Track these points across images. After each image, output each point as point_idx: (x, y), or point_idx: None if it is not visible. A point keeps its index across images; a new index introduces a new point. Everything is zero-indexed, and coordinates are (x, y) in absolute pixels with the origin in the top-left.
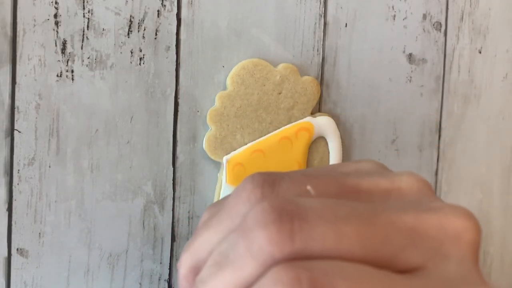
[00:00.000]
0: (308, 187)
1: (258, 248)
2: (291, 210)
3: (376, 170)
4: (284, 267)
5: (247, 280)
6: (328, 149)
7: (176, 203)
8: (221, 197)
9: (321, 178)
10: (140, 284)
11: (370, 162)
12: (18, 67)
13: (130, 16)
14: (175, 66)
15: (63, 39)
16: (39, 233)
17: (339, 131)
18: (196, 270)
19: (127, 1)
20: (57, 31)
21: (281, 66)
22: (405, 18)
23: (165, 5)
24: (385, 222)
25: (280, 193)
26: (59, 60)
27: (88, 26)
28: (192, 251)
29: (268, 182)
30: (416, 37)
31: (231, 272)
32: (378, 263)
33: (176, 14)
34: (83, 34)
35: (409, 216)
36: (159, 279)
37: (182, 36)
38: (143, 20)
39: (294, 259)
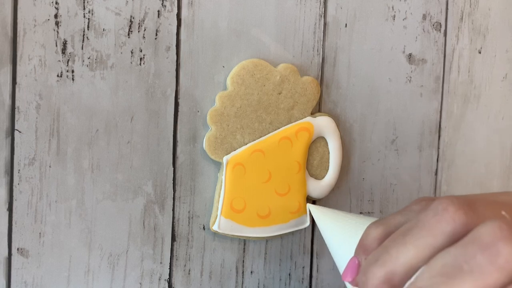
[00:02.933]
0: (503, 212)
1: (505, 261)
2: None
3: None
4: None
5: None
6: (328, 149)
7: (176, 203)
8: (221, 197)
9: (508, 206)
10: (140, 284)
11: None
12: (18, 67)
13: (131, 17)
14: (175, 66)
15: (64, 39)
16: (40, 233)
17: (339, 131)
18: (390, 282)
19: (127, 2)
20: (57, 31)
21: (281, 66)
22: (405, 18)
23: (165, 6)
24: None
25: (480, 216)
26: (59, 60)
27: (88, 26)
28: (385, 265)
29: (468, 205)
30: (416, 37)
31: (472, 281)
32: None
33: (177, 15)
34: (84, 34)
35: None
36: (159, 279)
37: (182, 36)
38: (143, 21)
39: None
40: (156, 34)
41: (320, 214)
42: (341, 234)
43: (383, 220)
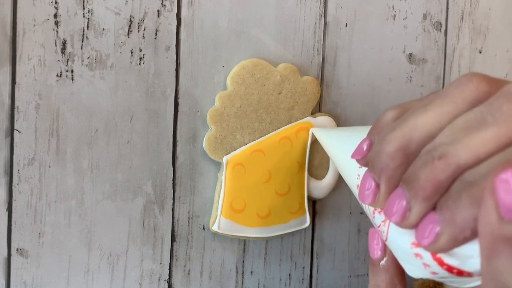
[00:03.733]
0: None
1: None
2: None
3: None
4: None
5: None
6: None
7: (176, 203)
8: (221, 197)
9: None
10: (140, 284)
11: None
12: (18, 67)
13: (130, 16)
14: (175, 66)
15: (63, 39)
16: (39, 233)
17: None
18: (405, 150)
19: (127, 1)
20: (57, 31)
21: (281, 66)
22: (405, 18)
23: (165, 5)
24: None
25: (503, 86)
26: (59, 60)
27: (88, 26)
28: (403, 131)
29: (491, 78)
30: (416, 37)
31: (495, 128)
32: None
33: (176, 14)
34: (83, 34)
35: None
36: (159, 279)
37: (182, 36)
38: (143, 20)
39: None
40: (156, 34)
41: (324, 133)
42: (349, 145)
43: (401, 104)
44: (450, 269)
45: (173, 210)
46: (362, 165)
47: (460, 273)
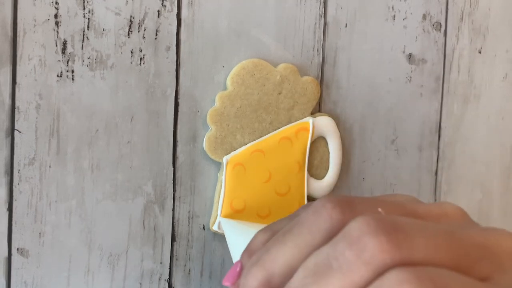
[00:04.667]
0: (379, 209)
1: (370, 256)
2: (393, 224)
3: (417, 200)
4: (404, 269)
5: (359, 285)
6: (328, 149)
7: (176, 203)
8: (221, 197)
9: (387, 203)
10: (140, 284)
11: (406, 195)
12: (18, 67)
13: (130, 16)
14: (175, 66)
15: (64, 39)
16: (40, 233)
17: (339, 131)
18: (268, 284)
19: (127, 1)
20: (57, 31)
21: (281, 66)
22: (405, 18)
23: (165, 5)
24: (463, 237)
25: (357, 213)
26: (59, 60)
27: (88, 26)
28: (264, 265)
29: (346, 203)
30: (416, 37)
31: (339, 278)
32: (461, 272)
33: (176, 15)
34: (84, 34)
35: (475, 234)
36: (159, 279)
37: (182, 36)
38: (143, 20)
39: (402, 265)
40: (156, 34)
41: (231, 228)
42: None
43: (271, 225)
44: None
45: (173, 210)
46: None
47: None
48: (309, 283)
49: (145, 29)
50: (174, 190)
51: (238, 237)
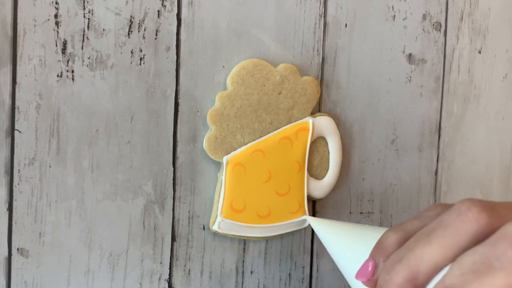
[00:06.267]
0: None
1: None
2: None
3: None
4: None
5: None
6: (328, 149)
7: (176, 203)
8: (221, 197)
9: None
10: (140, 284)
11: None
12: (18, 67)
13: (131, 17)
14: (175, 66)
15: (64, 39)
16: (40, 233)
17: (339, 131)
18: (414, 281)
19: (127, 2)
20: (57, 31)
21: (281, 66)
22: (405, 18)
23: (165, 6)
24: None
25: (502, 217)
26: (59, 60)
27: (88, 26)
28: (409, 263)
29: (490, 207)
30: (416, 37)
31: (503, 277)
32: None
33: (177, 15)
34: (84, 34)
35: None
36: (159, 279)
37: (182, 36)
38: (143, 20)
39: None
40: (156, 34)
41: (321, 225)
42: (347, 241)
43: (400, 225)
44: None
45: (173, 210)
46: (369, 287)
47: None
48: (468, 280)
49: (145, 29)
50: (174, 190)
51: (326, 233)
